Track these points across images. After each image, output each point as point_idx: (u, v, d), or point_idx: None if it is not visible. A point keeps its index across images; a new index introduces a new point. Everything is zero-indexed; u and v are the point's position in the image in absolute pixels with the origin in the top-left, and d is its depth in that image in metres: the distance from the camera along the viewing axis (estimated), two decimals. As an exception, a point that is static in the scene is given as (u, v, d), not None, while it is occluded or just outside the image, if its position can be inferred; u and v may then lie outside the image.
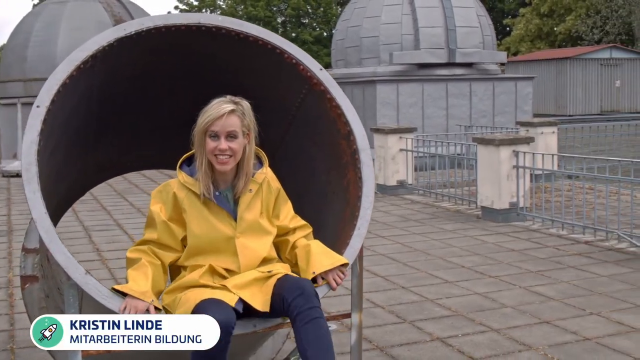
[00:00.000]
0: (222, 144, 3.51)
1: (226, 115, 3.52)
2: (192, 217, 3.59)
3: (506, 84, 20.24)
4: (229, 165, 3.57)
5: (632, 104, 37.91)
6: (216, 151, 3.52)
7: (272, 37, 4.15)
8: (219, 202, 3.60)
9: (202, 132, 3.54)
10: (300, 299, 3.38)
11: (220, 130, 3.52)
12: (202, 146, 3.56)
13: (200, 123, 3.54)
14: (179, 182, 3.64)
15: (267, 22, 58.66)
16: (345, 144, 4.23)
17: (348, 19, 21.71)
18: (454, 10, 19.90)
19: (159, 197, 3.68)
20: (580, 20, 49.98)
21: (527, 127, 15.61)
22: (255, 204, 3.69)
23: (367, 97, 19.31)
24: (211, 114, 3.52)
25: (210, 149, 3.53)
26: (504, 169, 11.42)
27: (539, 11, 53.79)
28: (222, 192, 3.65)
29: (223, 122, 3.51)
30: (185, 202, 3.59)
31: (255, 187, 3.69)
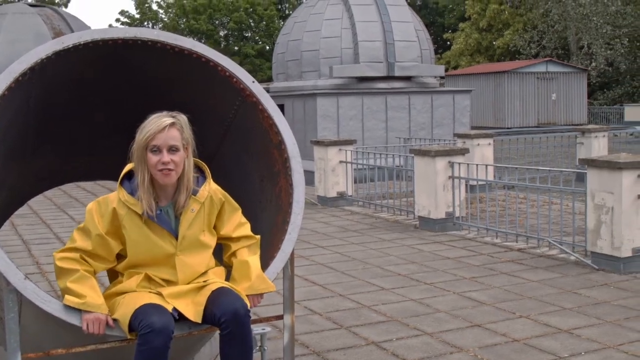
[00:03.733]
0: (165, 156, 3.49)
1: (167, 128, 3.52)
2: (132, 235, 3.58)
3: (444, 96, 20.64)
4: (172, 178, 3.55)
5: (568, 116, 38.83)
6: (159, 165, 3.50)
7: (206, 51, 4.30)
8: (160, 222, 3.59)
9: (142, 148, 3.51)
10: (231, 321, 3.49)
11: (162, 144, 3.50)
12: (143, 162, 3.53)
13: (141, 139, 3.51)
14: (119, 199, 3.59)
15: (210, 36, 58.65)
16: (277, 153, 4.39)
17: (288, 33, 21.92)
18: (392, 24, 20.24)
19: (98, 209, 3.63)
20: (517, 35, 51.03)
21: (464, 139, 15.97)
22: (197, 222, 3.68)
23: (307, 110, 19.52)
24: (151, 128, 3.50)
25: (152, 163, 3.51)
26: (440, 180, 11.69)
27: (478, 26, 54.81)
28: (163, 208, 3.62)
29: (164, 135, 3.50)
30: (125, 220, 3.57)
31: (198, 206, 3.67)
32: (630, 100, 48.51)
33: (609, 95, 50.93)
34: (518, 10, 52.99)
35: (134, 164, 3.58)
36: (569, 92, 39.42)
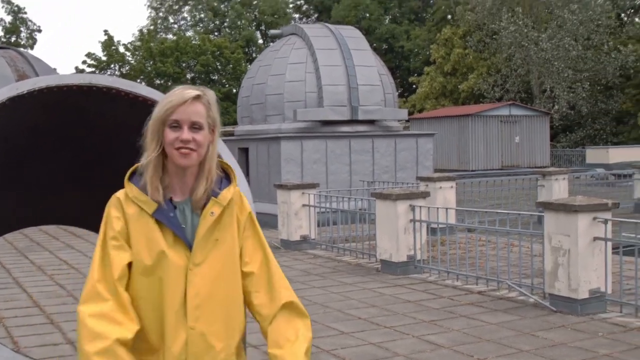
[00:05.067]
0: (185, 133, 2.80)
1: (190, 101, 2.85)
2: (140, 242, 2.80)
3: (408, 140, 20.84)
4: (193, 159, 2.82)
5: (531, 159, 39.28)
6: (177, 143, 2.79)
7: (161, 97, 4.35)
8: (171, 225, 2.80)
9: (159, 122, 2.82)
10: None
11: (184, 119, 2.82)
12: (157, 139, 2.83)
13: (159, 111, 2.83)
14: (127, 197, 2.85)
15: (177, 78, 58.75)
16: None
17: (253, 77, 22.08)
18: (356, 69, 20.48)
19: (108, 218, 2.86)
20: (482, 79, 51.78)
21: (427, 182, 16.12)
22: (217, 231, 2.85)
23: (271, 153, 19.60)
24: (172, 99, 2.84)
25: (170, 140, 2.80)
26: (401, 223, 11.79)
27: (442, 70, 55.51)
28: (179, 206, 2.85)
29: (186, 108, 2.83)
30: (132, 222, 2.82)
31: (219, 209, 2.86)
32: (591, 143, 49.28)
33: (571, 137, 51.69)
34: (482, 54, 53.83)
35: (146, 142, 2.86)
36: (532, 135, 39.94)
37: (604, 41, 49.90)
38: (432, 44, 57.76)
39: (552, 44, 47.43)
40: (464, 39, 54.28)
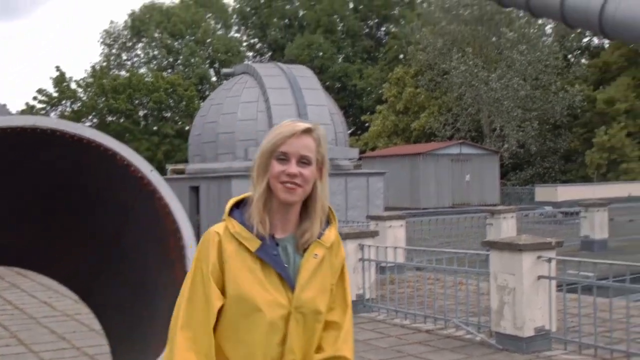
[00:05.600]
0: (293, 167, 2.68)
1: (300, 134, 2.74)
2: (238, 280, 2.64)
3: (358, 179, 21.00)
4: (297, 195, 2.70)
5: (481, 197, 39.79)
6: (283, 176, 2.67)
7: (105, 140, 4.37)
8: (274, 264, 2.66)
9: (268, 154, 2.71)
10: None
11: (292, 152, 2.70)
12: (264, 172, 2.71)
13: (267, 142, 2.73)
14: (227, 231, 2.68)
15: (129, 115, 58.53)
16: (174, 241, 4.45)
17: (205, 115, 22.12)
18: (307, 107, 20.65)
19: (203, 253, 2.69)
20: (433, 118, 52.51)
21: (377, 221, 16.22)
22: (318, 277, 2.74)
23: (222, 192, 19.58)
24: (282, 131, 2.73)
25: (276, 172, 2.68)
26: (351, 262, 11.82)
27: (395, 108, 56.19)
28: (281, 243, 2.72)
29: (296, 141, 2.72)
30: (232, 258, 2.65)
31: (322, 252, 2.75)
32: (541, 181, 50.12)
33: (521, 176, 52.52)
34: (433, 93, 54.62)
35: (253, 175, 2.75)
36: (482, 173, 40.50)
37: (551, 81, 51.04)
38: (385, 82, 58.54)
39: (501, 84, 48.34)
40: (416, 78, 55.12)
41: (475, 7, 49.08)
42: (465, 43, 51.79)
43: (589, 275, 14.75)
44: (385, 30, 74.08)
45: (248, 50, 77.71)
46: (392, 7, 71.90)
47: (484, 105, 50.22)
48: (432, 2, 56.34)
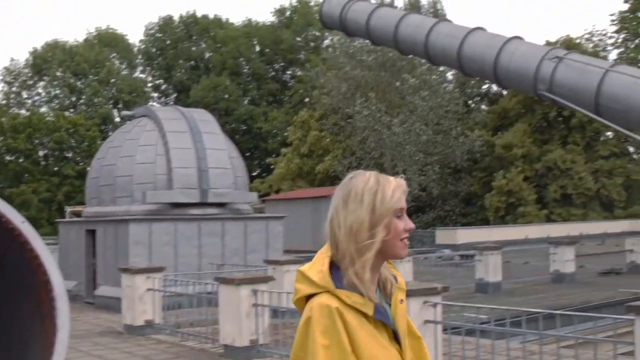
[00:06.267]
0: (409, 222, 2.57)
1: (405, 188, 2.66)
2: (368, 350, 2.43)
3: (258, 223, 21.03)
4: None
5: (384, 240, 40.24)
6: (404, 233, 2.54)
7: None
8: (386, 320, 2.51)
9: (391, 213, 2.51)
10: None
11: (405, 207, 2.59)
12: (385, 232, 2.50)
13: (389, 201, 2.51)
14: (342, 303, 2.43)
15: (28, 155, 57.25)
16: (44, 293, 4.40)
17: (103, 158, 21.81)
18: (206, 152, 20.61)
19: (333, 335, 2.37)
20: (337, 161, 53.02)
21: (274, 265, 16.27)
22: (405, 320, 2.63)
23: (120, 236, 19.33)
24: (399, 186, 2.59)
25: (400, 230, 2.51)
26: (244, 308, 11.82)
27: (299, 151, 56.54)
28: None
29: (405, 196, 2.61)
30: (358, 330, 2.43)
31: (403, 295, 2.65)
32: (442, 224, 51.10)
33: (423, 218, 53.43)
34: (337, 137, 55.24)
35: (360, 238, 2.48)
36: (385, 217, 41.02)
37: (452, 126, 52.30)
38: (289, 126, 58.92)
39: (404, 129, 49.27)
40: (320, 122, 55.70)
41: (378, 53, 49.99)
42: (369, 88, 52.68)
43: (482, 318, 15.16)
44: (290, 74, 74.84)
45: (153, 91, 77.27)
46: (298, 52, 72.74)
47: (387, 149, 51.05)
48: (336, 48, 57.18)
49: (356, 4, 22.74)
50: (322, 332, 2.34)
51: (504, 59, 18.54)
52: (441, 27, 19.91)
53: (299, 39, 73.67)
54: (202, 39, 74.79)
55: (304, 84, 64.20)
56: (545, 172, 52.83)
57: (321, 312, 2.36)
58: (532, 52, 18.22)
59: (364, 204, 2.48)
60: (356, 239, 2.44)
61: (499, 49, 18.38)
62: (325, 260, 2.46)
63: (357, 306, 2.40)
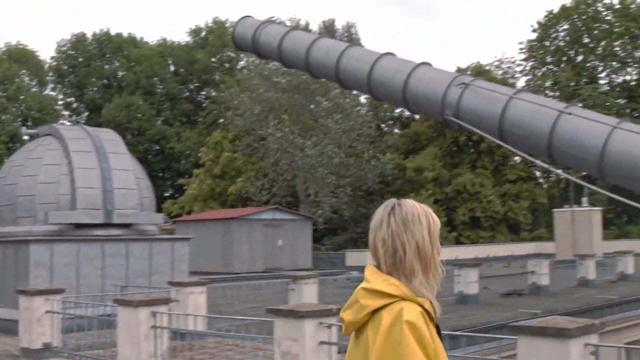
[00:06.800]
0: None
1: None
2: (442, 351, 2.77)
3: (163, 244, 20.79)
4: None
5: (294, 261, 40.34)
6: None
7: None
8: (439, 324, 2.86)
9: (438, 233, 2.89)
10: None
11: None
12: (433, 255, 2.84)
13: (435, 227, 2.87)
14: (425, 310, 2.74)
15: None
16: None
17: (4, 177, 21.24)
18: (112, 172, 20.31)
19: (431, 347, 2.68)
20: (249, 183, 52.94)
21: (178, 287, 16.12)
22: None
23: (19, 257, 18.85)
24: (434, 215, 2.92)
25: (439, 249, 2.89)
26: (143, 330, 11.68)
27: (212, 172, 56.25)
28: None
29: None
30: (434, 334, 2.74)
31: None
32: (354, 246, 51.49)
33: (335, 240, 53.78)
34: (250, 158, 55.22)
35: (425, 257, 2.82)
36: (295, 238, 41.15)
37: (365, 149, 52.89)
38: (203, 146, 58.62)
39: (316, 151, 49.59)
40: (234, 143, 55.61)
41: (292, 75, 50.26)
42: (283, 110, 52.92)
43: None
44: (205, 95, 74.58)
45: (64, 109, 75.86)
46: (213, 72, 72.59)
47: (300, 172, 51.28)
48: (251, 69, 57.27)
49: (269, 27, 22.89)
50: (420, 342, 2.61)
51: (412, 84, 18.90)
52: (352, 52, 20.19)
53: (214, 60, 73.55)
54: (116, 57, 73.92)
55: (218, 104, 64.06)
56: (454, 195, 53.89)
57: (418, 316, 2.65)
58: (439, 78, 18.63)
59: (423, 225, 2.82)
60: (422, 255, 2.78)
61: (407, 74, 18.74)
62: (386, 275, 2.77)
63: (430, 311, 2.73)
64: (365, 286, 2.77)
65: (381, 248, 2.81)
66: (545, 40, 70.27)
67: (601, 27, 67.56)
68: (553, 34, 69.95)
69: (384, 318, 2.64)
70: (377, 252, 2.82)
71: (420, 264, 2.78)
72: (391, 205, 2.89)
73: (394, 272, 2.77)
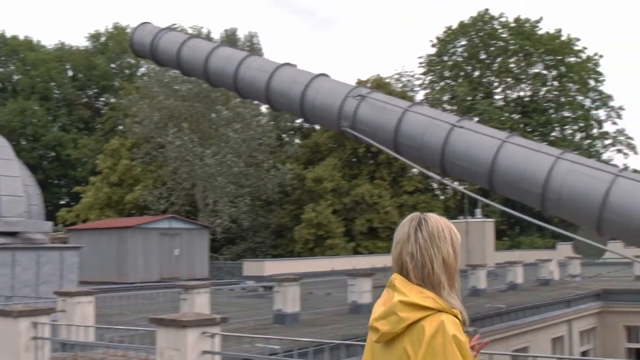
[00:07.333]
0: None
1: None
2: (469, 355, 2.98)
3: (52, 253, 20.33)
4: None
5: (190, 271, 39.93)
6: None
7: None
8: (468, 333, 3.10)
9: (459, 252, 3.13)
10: None
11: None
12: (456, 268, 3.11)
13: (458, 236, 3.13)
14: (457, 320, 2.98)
15: None
16: None
17: None
18: (-1, 178, 19.80)
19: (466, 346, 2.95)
20: (147, 191, 52.18)
21: (65, 297, 15.73)
22: None
23: None
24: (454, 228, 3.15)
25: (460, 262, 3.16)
26: (23, 341, 11.37)
27: (109, 180, 55.20)
28: None
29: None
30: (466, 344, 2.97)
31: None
32: (253, 255, 51.36)
33: (234, 250, 53.51)
34: (149, 166, 54.48)
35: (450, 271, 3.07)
36: (192, 248, 40.76)
37: (265, 159, 52.88)
38: (100, 154, 57.53)
39: (216, 160, 49.31)
40: (132, 151, 54.76)
41: (193, 83, 49.87)
42: (182, 118, 52.41)
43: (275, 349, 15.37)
44: (104, 101, 73.21)
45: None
46: (112, 78, 71.36)
47: (199, 180, 50.90)
48: (151, 76, 56.52)
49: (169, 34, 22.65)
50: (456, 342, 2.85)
51: (310, 94, 19.04)
52: (251, 61, 20.19)
53: (114, 66, 72.36)
54: (11, 60, 71.79)
55: (117, 111, 62.99)
56: (353, 205, 54.36)
57: (458, 328, 2.90)
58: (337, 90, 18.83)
59: (448, 240, 3.05)
60: (448, 269, 3.02)
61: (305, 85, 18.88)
62: (418, 287, 2.99)
63: (464, 321, 2.98)
64: (402, 299, 2.95)
65: (410, 262, 3.03)
66: (444, 55, 71.84)
67: (497, 44, 69.52)
68: (451, 49, 71.56)
69: (427, 329, 2.86)
70: (406, 265, 3.04)
71: (447, 276, 3.02)
72: (417, 220, 3.10)
73: (422, 284, 3.00)
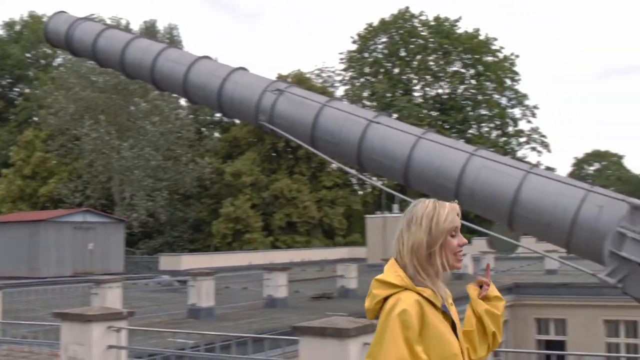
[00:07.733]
0: (462, 237, 3.22)
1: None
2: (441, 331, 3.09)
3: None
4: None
5: (106, 265, 39.32)
6: (458, 248, 3.19)
7: None
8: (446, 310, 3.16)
9: (446, 232, 3.15)
10: None
11: (459, 226, 3.23)
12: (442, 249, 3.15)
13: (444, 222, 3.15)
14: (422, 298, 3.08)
15: None
16: None
17: None
18: None
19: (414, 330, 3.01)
20: (62, 184, 51.16)
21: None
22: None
23: None
24: (452, 210, 3.19)
25: (453, 246, 3.17)
26: None
27: (22, 173, 53.93)
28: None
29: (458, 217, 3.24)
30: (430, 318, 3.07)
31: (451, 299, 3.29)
32: (170, 250, 50.89)
33: (151, 244, 52.92)
34: (64, 159, 53.39)
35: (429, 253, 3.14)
36: (106, 242, 40.15)
37: (183, 153, 52.42)
38: (13, 145, 56.13)
39: (133, 153, 48.68)
40: (46, 143, 53.59)
41: (110, 75, 49.02)
42: (99, 110, 51.53)
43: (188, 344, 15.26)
44: (18, 91, 71.34)
45: None
46: (27, 68, 69.61)
47: (115, 174, 50.18)
48: (67, 67, 55.32)
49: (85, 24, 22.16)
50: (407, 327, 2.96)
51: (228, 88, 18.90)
52: (169, 53, 19.92)
53: (29, 55, 70.57)
54: None
55: (32, 102, 61.51)
56: (272, 200, 54.37)
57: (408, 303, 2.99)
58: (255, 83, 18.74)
59: (422, 227, 3.13)
60: (417, 255, 3.11)
61: (224, 79, 18.73)
62: (397, 268, 3.12)
63: (431, 299, 3.06)
64: (378, 277, 3.15)
65: (394, 246, 3.20)
66: (365, 52, 72.32)
67: (417, 42, 70.34)
68: (372, 46, 72.09)
69: (387, 306, 3.03)
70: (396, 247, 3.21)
71: (417, 261, 3.12)
72: (412, 205, 3.25)
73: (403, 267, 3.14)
